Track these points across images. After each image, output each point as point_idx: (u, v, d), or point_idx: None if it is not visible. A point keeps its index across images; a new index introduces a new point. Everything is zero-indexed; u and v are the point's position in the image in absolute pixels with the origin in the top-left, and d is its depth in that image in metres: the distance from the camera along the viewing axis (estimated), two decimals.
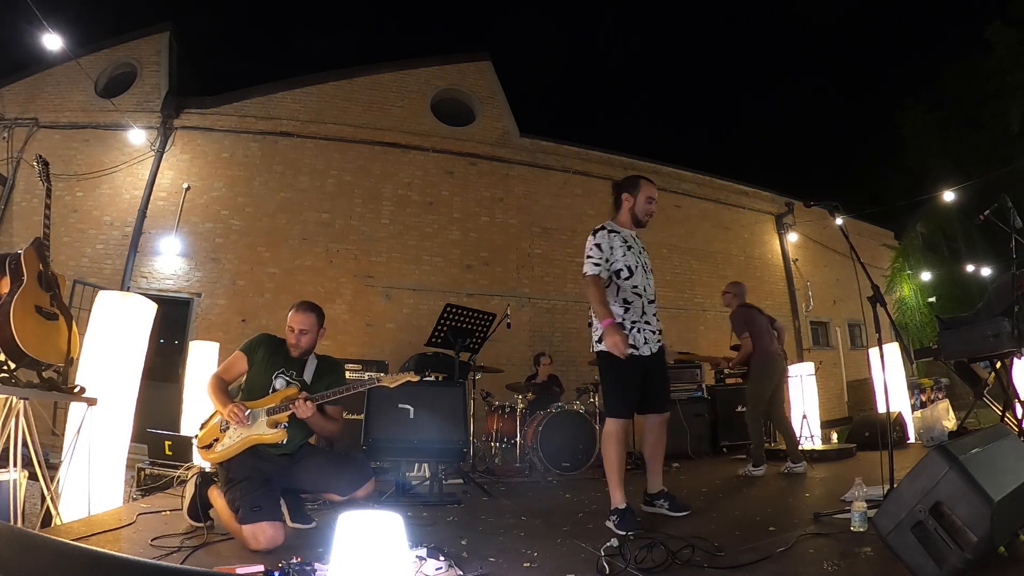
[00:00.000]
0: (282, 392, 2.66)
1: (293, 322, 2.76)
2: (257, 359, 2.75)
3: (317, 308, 2.83)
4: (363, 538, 1.23)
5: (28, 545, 1.22)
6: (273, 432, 2.55)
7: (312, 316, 2.78)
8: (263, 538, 2.14)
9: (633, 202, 3.20)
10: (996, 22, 13.79)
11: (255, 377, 2.72)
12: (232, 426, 2.56)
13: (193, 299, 7.88)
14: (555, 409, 5.06)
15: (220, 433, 2.58)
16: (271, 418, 2.57)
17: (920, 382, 7.12)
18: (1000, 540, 1.65)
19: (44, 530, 2.57)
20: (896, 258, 13.11)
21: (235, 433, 2.55)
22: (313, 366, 2.83)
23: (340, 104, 9.13)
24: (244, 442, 2.52)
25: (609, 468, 2.67)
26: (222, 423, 2.59)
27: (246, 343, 2.83)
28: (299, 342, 2.75)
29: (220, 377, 2.75)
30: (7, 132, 8.02)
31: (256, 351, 2.77)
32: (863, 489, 2.44)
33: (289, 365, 2.77)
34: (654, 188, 3.22)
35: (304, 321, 2.75)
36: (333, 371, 2.91)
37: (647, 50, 32.01)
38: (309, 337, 2.78)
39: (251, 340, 2.85)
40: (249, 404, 2.62)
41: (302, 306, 2.81)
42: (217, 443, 2.56)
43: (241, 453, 2.52)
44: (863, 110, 27.67)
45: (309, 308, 2.81)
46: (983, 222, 3.80)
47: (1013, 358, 3.90)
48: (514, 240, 9.31)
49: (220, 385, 2.68)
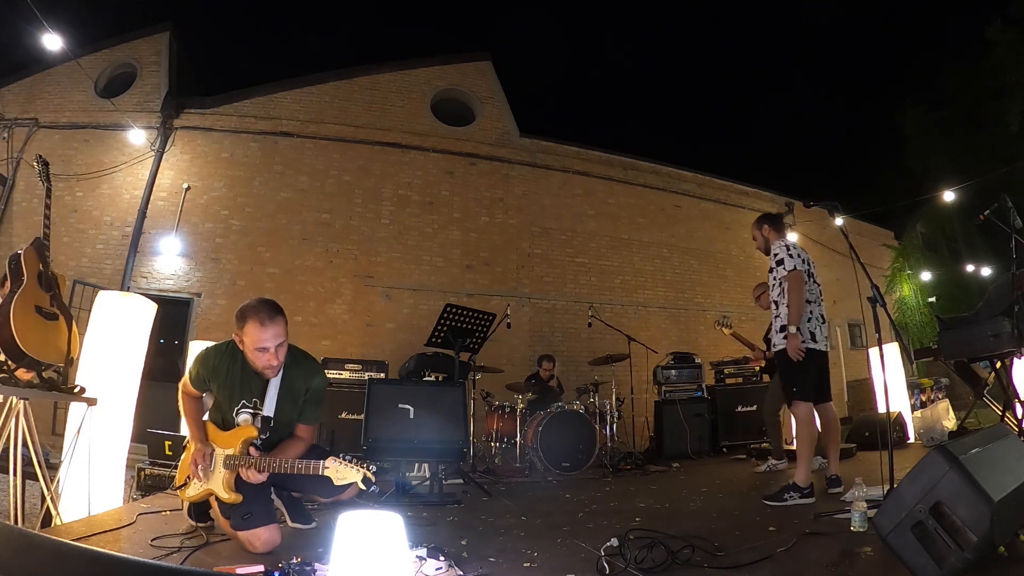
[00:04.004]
0: (243, 432, 2.26)
1: (264, 339, 2.18)
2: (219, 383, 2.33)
3: (280, 308, 2.28)
4: (363, 538, 1.23)
5: (28, 545, 1.22)
6: (227, 496, 2.18)
7: (281, 322, 2.23)
8: (259, 543, 2.13)
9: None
10: (996, 22, 13.79)
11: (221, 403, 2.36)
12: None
13: (193, 299, 7.88)
14: (555, 409, 5.07)
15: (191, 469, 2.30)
16: (228, 473, 2.20)
17: (920, 382, 7.11)
18: (1000, 540, 1.65)
19: (44, 530, 2.57)
20: (896, 258, 13.11)
21: (197, 481, 2.29)
22: (276, 387, 2.32)
23: (340, 104, 9.13)
24: (205, 492, 2.26)
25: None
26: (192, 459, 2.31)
27: (190, 371, 2.39)
28: (271, 363, 2.24)
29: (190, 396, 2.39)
30: (7, 132, 8.01)
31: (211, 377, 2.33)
32: (863, 489, 2.44)
33: (249, 391, 2.32)
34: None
35: (280, 332, 2.22)
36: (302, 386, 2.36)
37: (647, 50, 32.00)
38: (285, 347, 2.29)
39: (195, 366, 2.37)
40: (216, 438, 2.31)
41: (268, 315, 2.20)
42: (189, 483, 2.32)
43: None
44: (863, 110, 27.68)
45: (276, 311, 2.24)
46: (983, 222, 3.80)
47: (1013, 358, 3.90)
48: (514, 240, 9.30)
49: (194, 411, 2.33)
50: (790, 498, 2.91)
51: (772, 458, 4.46)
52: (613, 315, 8.54)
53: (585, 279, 9.50)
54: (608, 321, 7.20)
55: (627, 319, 9.01)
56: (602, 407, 5.65)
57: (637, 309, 9.58)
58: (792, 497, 2.91)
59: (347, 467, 2.05)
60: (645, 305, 9.69)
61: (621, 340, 6.40)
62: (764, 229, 3.55)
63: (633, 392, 6.82)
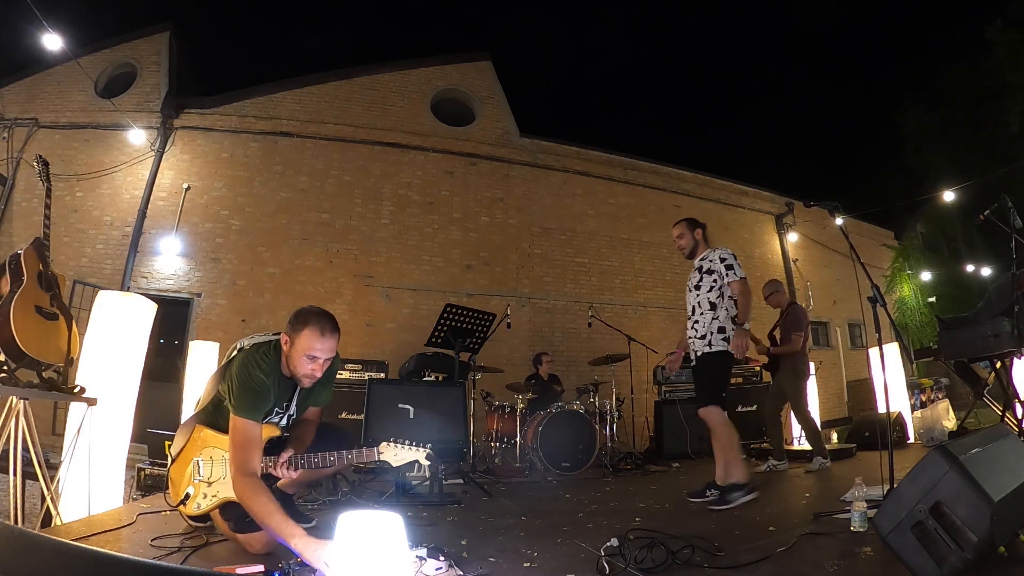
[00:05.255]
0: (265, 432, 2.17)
1: (318, 349, 2.12)
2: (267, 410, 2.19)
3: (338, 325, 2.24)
4: (363, 538, 1.23)
5: (28, 545, 1.22)
6: None
7: (338, 338, 2.20)
8: (258, 545, 2.13)
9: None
10: (996, 22, 13.80)
11: None
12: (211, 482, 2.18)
13: (193, 299, 7.88)
14: (555, 409, 5.06)
15: (193, 484, 2.18)
16: None
17: (920, 382, 7.12)
18: (1000, 540, 1.65)
19: (44, 530, 2.57)
20: (896, 258, 13.11)
21: (211, 490, 2.18)
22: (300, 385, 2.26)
23: (340, 104, 9.14)
24: (220, 501, 2.16)
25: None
26: (193, 474, 2.20)
27: (253, 407, 2.07)
28: (315, 375, 2.17)
29: (255, 475, 1.99)
30: (7, 132, 8.01)
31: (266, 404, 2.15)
32: (863, 489, 2.44)
33: (282, 396, 2.25)
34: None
35: (333, 347, 2.17)
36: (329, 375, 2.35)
37: (647, 50, 32.02)
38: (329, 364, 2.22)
39: (257, 400, 2.09)
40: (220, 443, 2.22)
41: (331, 327, 2.16)
42: (191, 499, 2.19)
43: None
44: (863, 110, 27.72)
45: (335, 327, 2.19)
46: (983, 222, 3.80)
47: (1013, 358, 3.91)
48: (514, 240, 9.31)
49: (273, 505, 1.88)
50: (735, 499, 2.90)
51: (772, 458, 4.48)
52: (613, 315, 8.55)
53: (585, 279, 9.50)
54: (608, 321, 7.20)
55: (627, 319, 9.02)
56: (602, 407, 5.65)
57: (637, 309, 9.58)
58: (737, 497, 2.91)
59: (403, 448, 2.12)
60: (645, 305, 9.69)
61: (621, 340, 6.40)
62: (698, 233, 3.53)
63: (633, 392, 6.83)
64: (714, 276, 3.35)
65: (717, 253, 3.39)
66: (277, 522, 1.83)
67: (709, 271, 3.38)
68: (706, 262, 3.41)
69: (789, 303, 4.78)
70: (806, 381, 4.63)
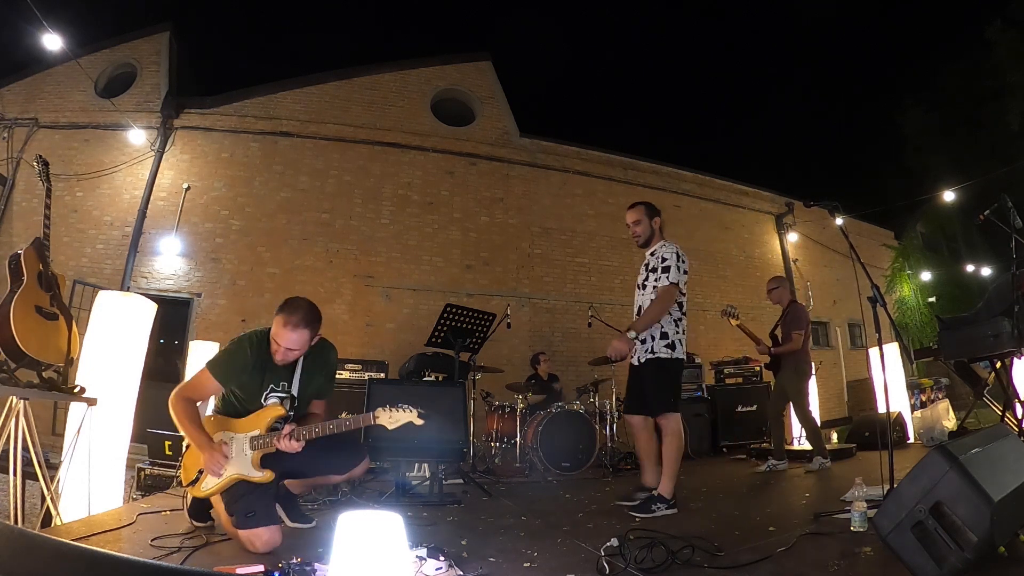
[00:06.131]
0: (269, 412, 2.37)
1: (282, 339, 2.32)
2: (243, 382, 2.39)
3: (314, 322, 2.37)
4: (363, 538, 1.23)
5: (28, 545, 1.22)
6: (260, 474, 2.28)
7: (306, 334, 2.34)
8: (259, 543, 2.14)
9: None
10: (996, 22, 13.80)
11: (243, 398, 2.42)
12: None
13: (193, 299, 7.89)
14: (555, 409, 5.06)
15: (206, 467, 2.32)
16: (256, 453, 2.31)
17: (920, 382, 7.11)
18: (1000, 540, 1.65)
19: (44, 530, 2.57)
20: (896, 258, 13.11)
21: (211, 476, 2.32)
22: (300, 368, 2.48)
23: (340, 104, 9.13)
24: (229, 480, 2.28)
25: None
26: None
27: (221, 365, 2.39)
28: (285, 357, 2.38)
29: (190, 401, 2.34)
30: (7, 132, 8.01)
31: (239, 376, 2.38)
32: (863, 489, 2.44)
33: (277, 376, 2.43)
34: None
35: (296, 341, 2.33)
36: (322, 365, 2.55)
37: (647, 50, 32.01)
38: (298, 354, 2.41)
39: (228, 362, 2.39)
40: (232, 426, 2.37)
41: (297, 321, 2.31)
42: (202, 478, 2.32)
43: None
44: (863, 110, 27.69)
45: (304, 324, 2.32)
46: (983, 222, 3.80)
47: (1013, 358, 3.90)
48: (514, 240, 9.31)
49: (194, 415, 2.30)
50: (657, 509, 2.84)
51: (772, 458, 4.46)
52: (613, 315, 8.51)
53: (585, 279, 9.50)
54: (608, 321, 7.19)
55: (627, 319, 8.93)
56: (602, 407, 5.65)
57: None
58: (659, 508, 2.85)
59: (397, 411, 2.31)
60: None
61: None
62: (656, 221, 3.33)
63: None
64: (657, 275, 3.16)
65: (663, 250, 3.20)
66: (191, 431, 2.27)
67: (655, 269, 3.20)
68: (654, 258, 3.24)
69: (790, 301, 4.78)
70: (808, 380, 4.63)
